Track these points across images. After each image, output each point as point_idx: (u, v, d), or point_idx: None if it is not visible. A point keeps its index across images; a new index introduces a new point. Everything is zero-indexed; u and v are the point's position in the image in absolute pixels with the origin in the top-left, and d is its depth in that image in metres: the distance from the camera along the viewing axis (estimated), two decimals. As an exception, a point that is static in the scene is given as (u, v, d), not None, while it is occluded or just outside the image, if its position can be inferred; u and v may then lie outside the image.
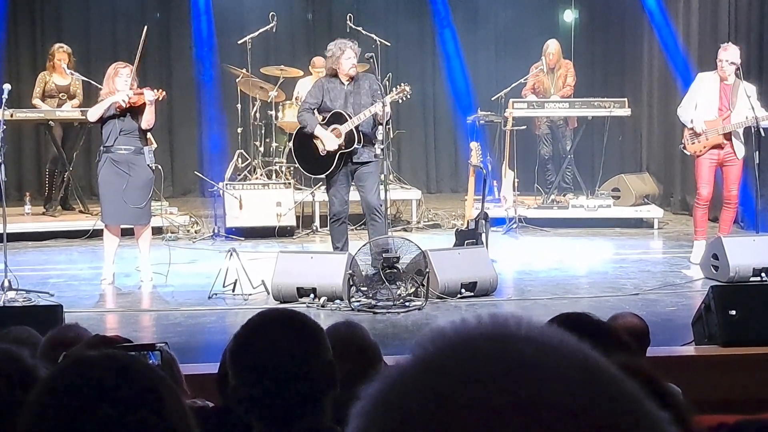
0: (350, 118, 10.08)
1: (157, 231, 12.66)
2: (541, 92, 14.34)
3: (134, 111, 10.12)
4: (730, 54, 10.85)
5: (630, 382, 0.96)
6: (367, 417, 0.95)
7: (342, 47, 10.23)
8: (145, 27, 10.97)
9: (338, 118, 10.14)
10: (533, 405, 0.90)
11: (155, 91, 10.17)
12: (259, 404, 2.84)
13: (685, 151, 11.17)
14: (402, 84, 10.32)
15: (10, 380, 2.40)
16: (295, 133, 10.86)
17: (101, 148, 10.22)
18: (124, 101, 9.99)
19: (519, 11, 16.95)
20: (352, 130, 10.07)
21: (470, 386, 0.91)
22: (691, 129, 10.93)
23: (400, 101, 10.43)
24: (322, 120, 10.26)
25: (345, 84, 10.20)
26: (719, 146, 10.88)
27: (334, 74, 10.27)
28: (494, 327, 0.97)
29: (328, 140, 10.14)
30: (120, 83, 10.09)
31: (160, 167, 10.48)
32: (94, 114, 10.18)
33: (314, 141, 10.26)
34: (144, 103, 10.07)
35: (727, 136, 10.86)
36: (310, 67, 14.57)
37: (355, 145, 10.09)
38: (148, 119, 10.12)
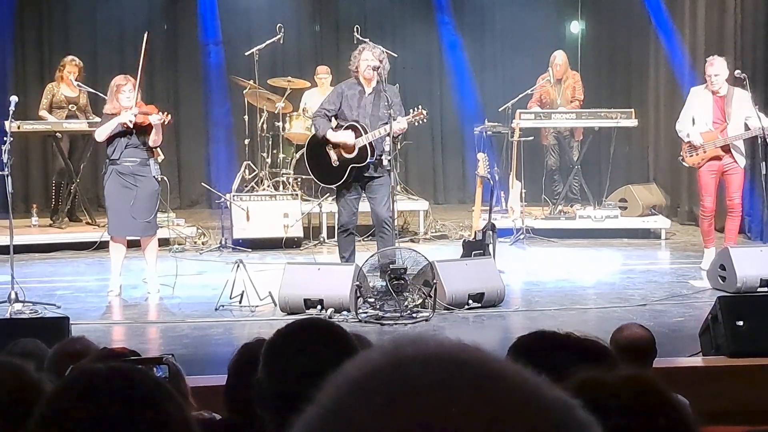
0: (365, 131, 10.04)
1: (164, 242, 12.71)
2: (548, 103, 14.33)
3: (141, 127, 10.15)
4: (716, 68, 10.94)
5: (550, 392, 0.97)
6: None
7: (361, 48, 10.21)
8: (146, 33, 11.02)
9: (352, 131, 10.11)
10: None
11: (161, 114, 10.18)
12: (283, 403, 2.84)
13: (683, 163, 11.29)
14: (419, 107, 10.20)
15: (15, 394, 2.40)
16: (307, 141, 10.87)
17: (107, 160, 10.26)
18: (130, 121, 10.04)
19: (526, 22, 16.95)
20: (365, 145, 10.05)
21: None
22: (688, 142, 11.02)
23: (416, 124, 10.35)
24: (337, 127, 10.25)
25: (366, 92, 10.16)
26: (717, 158, 10.94)
27: (356, 80, 10.24)
28: (393, 357, 0.98)
29: (343, 138, 10.10)
30: (124, 99, 10.11)
31: (166, 179, 10.50)
32: (101, 134, 10.16)
33: (327, 151, 10.23)
34: (143, 122, 10.10)
35: (725, 148, 10.92)
36: (314, 76, 14.60)
37: (368, 160, 10.06)
38: (154, 139, 10.19)
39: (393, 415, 0.91)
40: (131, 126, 10.06)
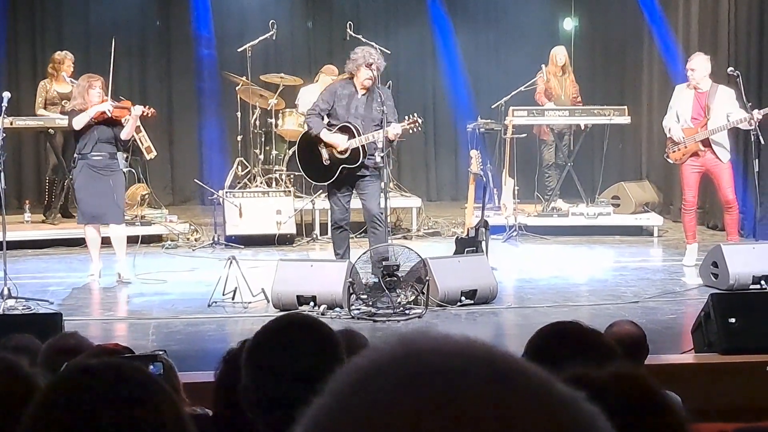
0: (358, 133, 10.01)
1: (157, 239, 12.73)
2: (552, 98, 14.35)
3: (112, 121, 10.58)
4: (693, 63, 11.14)
5: (552, 383, 0.98)
6: None
7: (367, 58, 10.08)
8: (113, 39, 11.42)
9: (345, 131, 10.07)
10: (445, 411, 0.92)
11: (145, 107, 10.73)
12: (268, 407, 2.84)
13: (668, 159, 11.41)
14: (414, 115, 10.18)
15: (8, 389, 2.40)
16: (300, 137, 10.86)
17: (76, 155, 10.63)
18: (109, 110, 10.48)
19: (519, 19, 16.97)
20: (358, 147, 10.02)
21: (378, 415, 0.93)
22: (670, 138, 11.21)
23: (411, 132, 10.36)
24: (329, 126, 10.22)
25: (359, 93, 10.13)
26: (697, 154, 11.05)
27: (351, 79, 10.22)
28: (403, 347, 0.99)
29: (337, 140, 10.08)
30: (94, 96, 10.52)
31: (132, 171, 10.69)
32: (80, 122, 10.48)
33: (319, 149, 10.21)
34: (121, 116, 10.56)
35: (705, 143, 11.02)
36: (320, 73, 14.46)
37: (360, 160, 10.04)
38: (128, 131, 10.72)
39: (408, 401, 0.92)
40: (110, 115, 10.49)
